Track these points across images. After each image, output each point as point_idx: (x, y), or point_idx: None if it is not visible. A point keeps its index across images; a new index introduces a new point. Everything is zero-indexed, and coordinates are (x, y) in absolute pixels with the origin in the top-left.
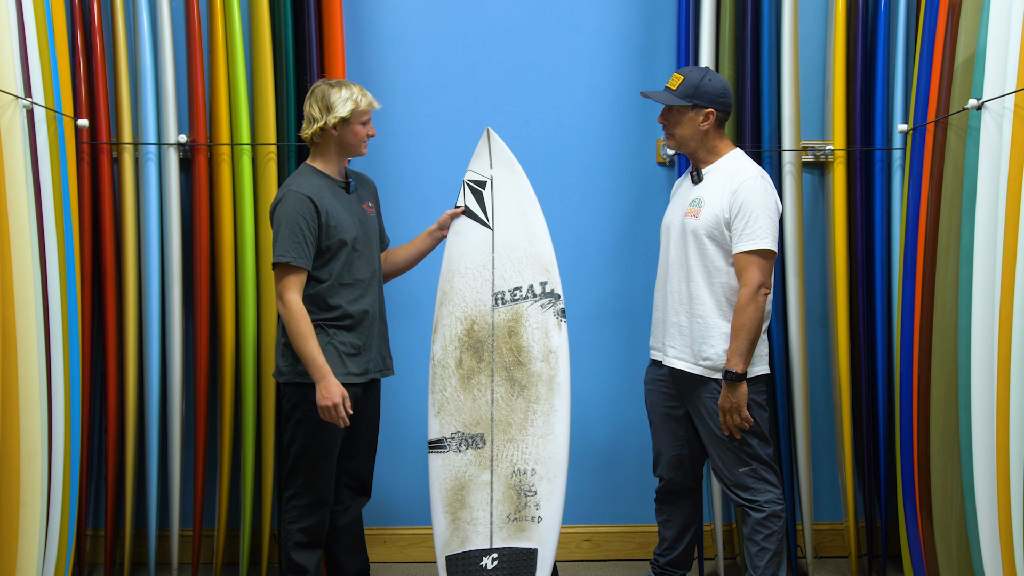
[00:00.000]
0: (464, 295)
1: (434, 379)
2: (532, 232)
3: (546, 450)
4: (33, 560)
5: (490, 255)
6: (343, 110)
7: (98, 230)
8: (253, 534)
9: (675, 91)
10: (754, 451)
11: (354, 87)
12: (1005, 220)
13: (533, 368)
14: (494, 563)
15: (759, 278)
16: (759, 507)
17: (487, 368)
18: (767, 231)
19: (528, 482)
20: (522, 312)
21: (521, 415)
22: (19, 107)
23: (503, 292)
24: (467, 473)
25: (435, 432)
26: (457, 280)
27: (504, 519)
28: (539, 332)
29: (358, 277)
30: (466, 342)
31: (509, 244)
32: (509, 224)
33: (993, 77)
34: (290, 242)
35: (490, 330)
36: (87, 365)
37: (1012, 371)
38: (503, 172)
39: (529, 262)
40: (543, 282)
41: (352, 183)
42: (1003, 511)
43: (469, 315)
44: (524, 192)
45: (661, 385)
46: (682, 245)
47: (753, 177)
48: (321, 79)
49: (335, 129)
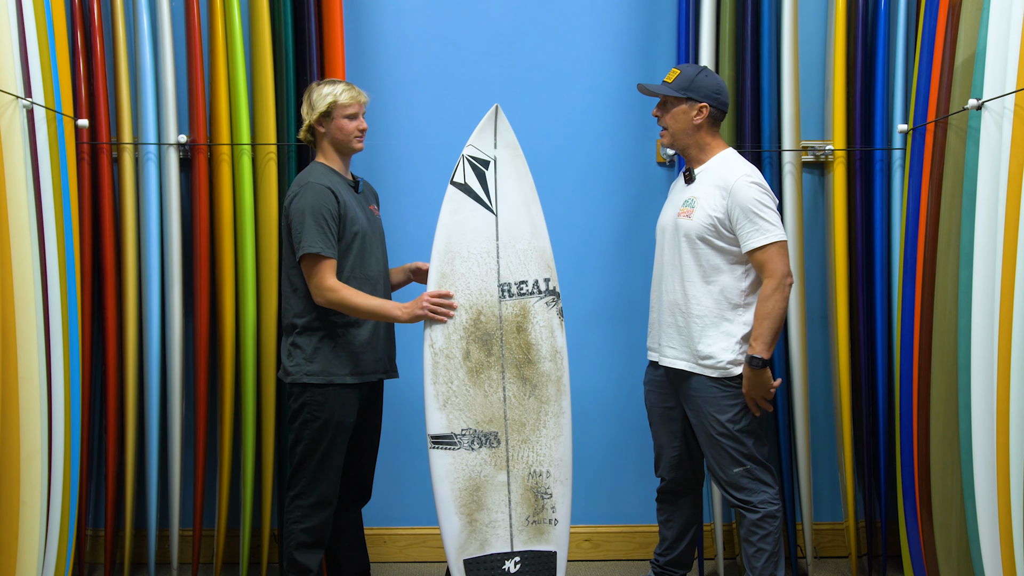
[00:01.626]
0: (468, 281)
1: (436, 369)
2: (535, 225)
3: (558, 452)
4: (33, 560)
5: (494, 242)
6: (321, 104)
7: (98, 230)
8: (253, 534)
9: (671, 84)
10: (749, 451)
11: (340, 83)
12: (1005, 220)
13: (542, 367)
14: (517, 567)
15: (782, 267)
16: (754, 508)
17: (497, 364)
18: (773, 223)
19: (544, 484)
20: (529, 308)
21: (534, 416)
22: (19, 107)
23: (509, 284)
24: (482, 473)
25: (440, 427)
26: (459, 264)
27: (524, 522)
28: (546, 331)
29: (369, 272)
30: (473, 332)
31: (513, 234)
32: (513, 213)
33: (993, 77)
34: (317, 233)
35: (498, 323)
36: (87, 365)
37: (1012, 371)
38: (507, 155)
39: (533, 256)
40: (547, 279)
41: (361, 182)
42: (1003, 511)
43: (475, 304)
44: (527, 181)
45: (658, 385)
46: (676, 246)
47: (745, 175)
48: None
49: (320, 125)
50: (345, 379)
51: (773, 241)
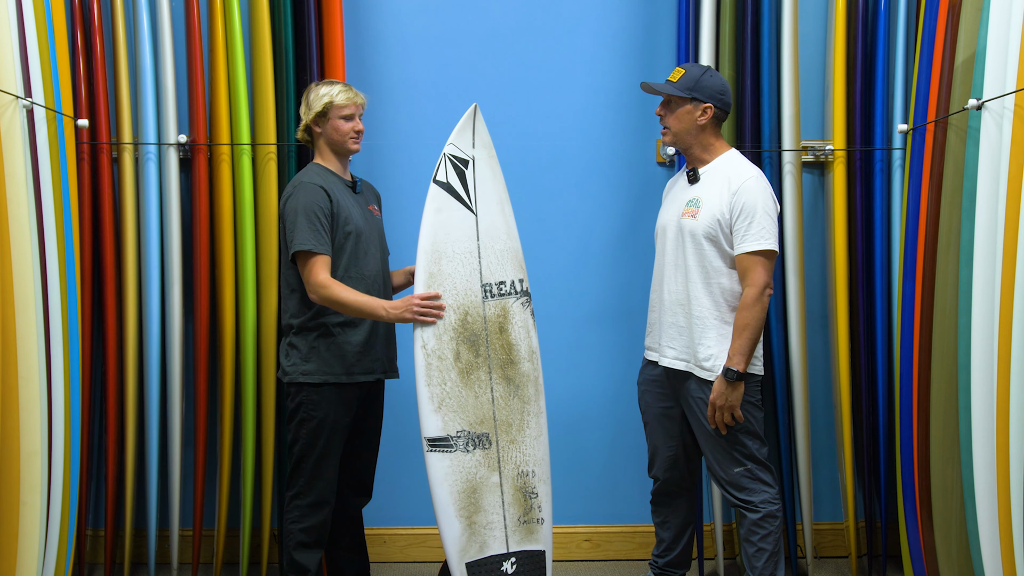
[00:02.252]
0: (455, 281)
1: (430, 370)
2: (508, 225)
3: (539, 452)
4: (33, 560)
5: (475, 242)
6: (318, 105)
7: (98, 230)
8: (253, 534)
9: (675, 83)
10: (749, 451)
11: (337, 84)
12: (1005, 220)
13: (522, 368)
14: (514, 567)
15: (764, 278)
16: (754, 508)
17: (484, 364)
18: (770, 231)
19: (531, 484)
20: (508, 308)
21: (518, 416)
22: (19, 107)
23: (490, 284)
24: (478, 475)
25: (436, 429)
26: (445, 263)
27: (516, 522)
28: (523, 331)
29: (364, 272)
30: (462, 333)
31: (492, 234)
32: (491, 213)
33: (993, 77)
34: (309, 230)
35: (483, 323)
36: (87, 365)
37: (1012, 371)
38: (483, 155)
39: (509, 256)
40: (520, 279)
41: (359, 183)
42: (1003, 511)
43: (462, 304)
44: (500, 182)
45: (656, 385)
46: (679, 246)
47: (753, 178)
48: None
49: (317, 126)
50: (340, 379)
51: (766, 248)
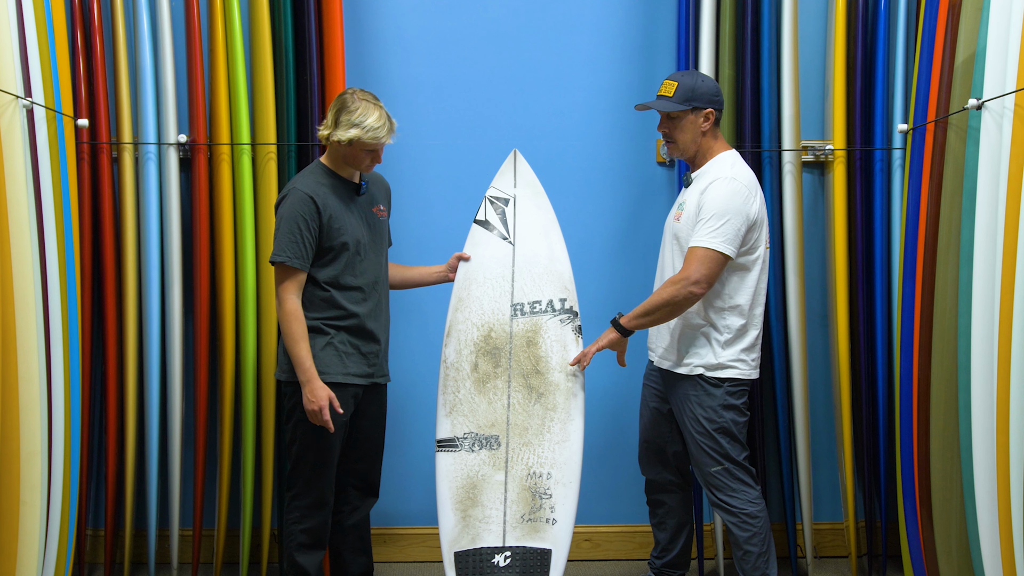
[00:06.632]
0: (482, 303)
1: (446, 381)
2: (553, 251)
3: (562, 455)
4: (33, 560)
5: (510, 268)
6: (343, 136)
7: (98, 230)
8: (253, 534)
9: (672, 97)
10: (724, 450)
11: (370, 116)
12: (1005, 220)
13: (551, 377)
14: (507, 560)
15: (699, 274)
16: (733, 510)
17: (504, 374)
18: (721, 233)
19: (544, 485)
20: (541, 324)
21: (538, 420)
22: (19, 107)
23: (522, 304)
24: (480, 472)
25: (445, 431)
26: (475, 288)
27: (518, 519)
28: (558, 345)
29: (360, 282)
30: (483, 347)
31: (530, 260)
32: (531, 242)
33: (993, 77)
34: (288, 241)
35: (508, 338)
36: (87, 365)
37: (1012, 371)
38: (527, 192)
39: (549, 278)
40: (563, 299)
41: (364, 186)
42: (1003, 511)
43: (487, 322)
44: (547, 213)
45: (652, 382)
46: (669, 247)
47: (724, 179)
48: (352, 89)
49: (337, 142)
50: (335, 378)
51: (712, 248)
